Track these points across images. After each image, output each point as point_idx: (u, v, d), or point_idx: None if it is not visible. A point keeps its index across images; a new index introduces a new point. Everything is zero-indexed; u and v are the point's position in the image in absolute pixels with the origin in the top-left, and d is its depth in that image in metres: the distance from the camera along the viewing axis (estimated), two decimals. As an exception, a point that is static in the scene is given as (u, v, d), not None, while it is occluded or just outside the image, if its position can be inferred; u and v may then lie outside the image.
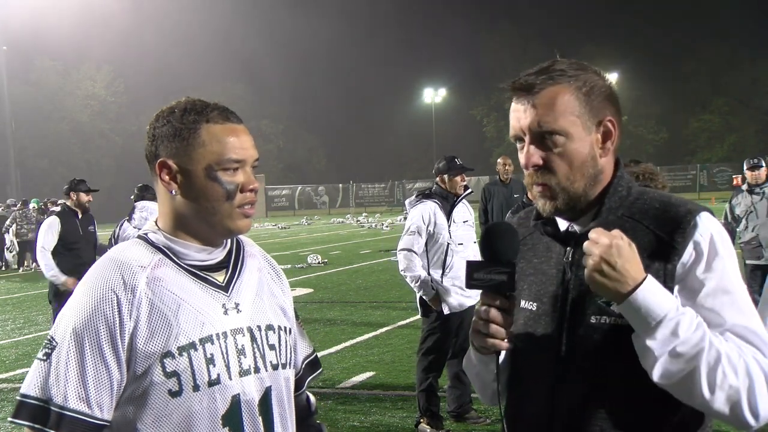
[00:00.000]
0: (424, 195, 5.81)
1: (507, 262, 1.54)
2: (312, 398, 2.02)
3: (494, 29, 66.27)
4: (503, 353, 1.61)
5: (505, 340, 1.56)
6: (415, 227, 5.61)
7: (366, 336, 9.15)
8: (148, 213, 7.53)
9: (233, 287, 1.72)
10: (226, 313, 1.68)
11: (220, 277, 1.72)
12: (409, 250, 5.59)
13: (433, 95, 61.21)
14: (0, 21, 39.64)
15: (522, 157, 1.59)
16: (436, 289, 5.57)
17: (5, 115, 39.62)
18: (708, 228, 1.53)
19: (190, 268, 1.68)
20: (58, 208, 21.27)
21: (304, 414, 1.93)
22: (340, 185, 57.02)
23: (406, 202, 6.08)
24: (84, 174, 55.66)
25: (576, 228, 1.63)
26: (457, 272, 5.62)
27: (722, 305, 1.48)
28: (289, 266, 17.28)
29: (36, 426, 1.54)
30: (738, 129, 58.41)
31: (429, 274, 5.61)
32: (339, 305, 11.70)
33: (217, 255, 1.73)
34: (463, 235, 5.73)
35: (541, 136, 1.55)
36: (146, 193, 7.81)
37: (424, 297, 5.58)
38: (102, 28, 59.76)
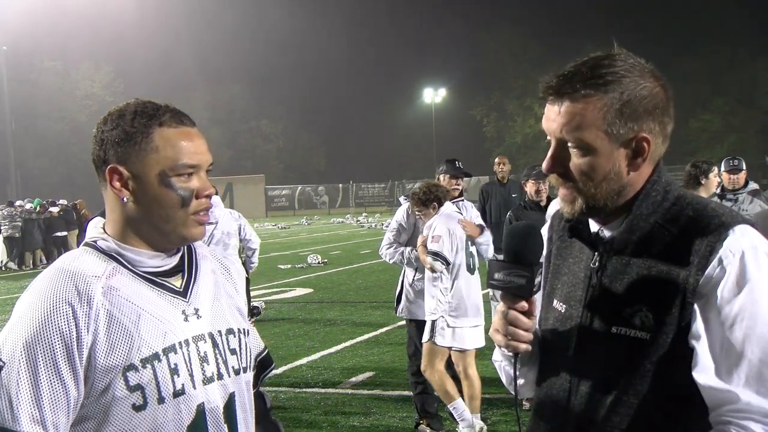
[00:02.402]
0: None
1: (528, 265, 1.51)
2: (267, 395, 1.98)
3: (494, 29, 66.05)
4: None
5: (524, 343, 1.56)
6: (394, 226, 5.76)
7: (366, 336, 9.15)
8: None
9: (191, 292, 1.66)
10: (186, 319, 1.62)
11: (176, 283, 1.65)
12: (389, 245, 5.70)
13: (433, 95, 61.16)
14: (0, 21, 39.61)
15: (545, 161, 1.55)
16: (410, 289, 5.59)
17: (5, 115, 39.56)
18: (740, 244, 1.40)
19: (145, 275, 1.61)
20: (56, 209, 21.35)
21: (261, 412, 1.88)
22: (340, 185, 56.93)
23: (401, 198, 6.17)
24: (83, 174, 55.86)
25: (605, 233, 1.58)
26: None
27: (742, 336, 1.37)
28: (289, 266, 17.28)
29: None
30: (738, 129, 58.30)
31: (405, 274, 5.68)
32: (339, 305, 11.70)
33: (171, 260, 1.67)
34: None
35: (565, 144, 1.51)
36: None
37: (412, 259, 5.56)
38: (101, 28, 59.77)
